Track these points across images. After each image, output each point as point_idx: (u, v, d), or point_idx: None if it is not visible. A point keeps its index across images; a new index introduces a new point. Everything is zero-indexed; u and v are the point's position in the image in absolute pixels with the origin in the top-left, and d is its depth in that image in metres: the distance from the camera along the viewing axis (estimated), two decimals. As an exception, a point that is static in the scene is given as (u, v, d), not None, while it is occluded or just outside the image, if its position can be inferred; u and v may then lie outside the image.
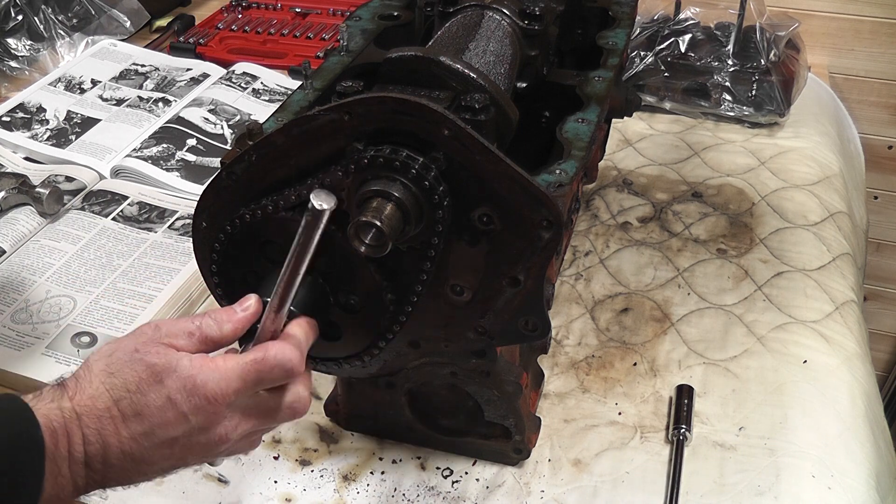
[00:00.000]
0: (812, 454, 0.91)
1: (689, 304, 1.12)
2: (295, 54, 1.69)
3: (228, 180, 0.71)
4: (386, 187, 0.64)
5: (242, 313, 0.66)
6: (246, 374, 0.63)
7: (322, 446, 0.95)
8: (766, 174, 1.37)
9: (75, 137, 1.44)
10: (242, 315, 0.66)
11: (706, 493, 0.88)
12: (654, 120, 1.51)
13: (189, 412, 0.62)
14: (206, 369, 0.62)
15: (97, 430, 0.61)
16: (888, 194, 1.82)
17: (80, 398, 0.61)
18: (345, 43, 0.92)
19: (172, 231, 1.23)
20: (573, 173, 0.74)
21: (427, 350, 0.80)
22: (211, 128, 1.45)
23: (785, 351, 1.04)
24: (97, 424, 0.61)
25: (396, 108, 0.64)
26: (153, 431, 0.61)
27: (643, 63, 1.49)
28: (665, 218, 1.28)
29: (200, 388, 0.62)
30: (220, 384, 0.62)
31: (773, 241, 1.23)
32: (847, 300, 1.13)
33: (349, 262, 0.70)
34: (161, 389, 0.61)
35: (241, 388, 0.63)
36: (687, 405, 0.95)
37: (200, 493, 0.90)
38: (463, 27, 0.89)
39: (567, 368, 1.04)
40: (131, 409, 0.61)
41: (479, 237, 0.69)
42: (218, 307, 0.70)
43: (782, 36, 1.48)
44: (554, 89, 0.94)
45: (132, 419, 0.61)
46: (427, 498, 0.89)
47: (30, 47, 1.69)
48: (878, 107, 1.72)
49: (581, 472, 0.91)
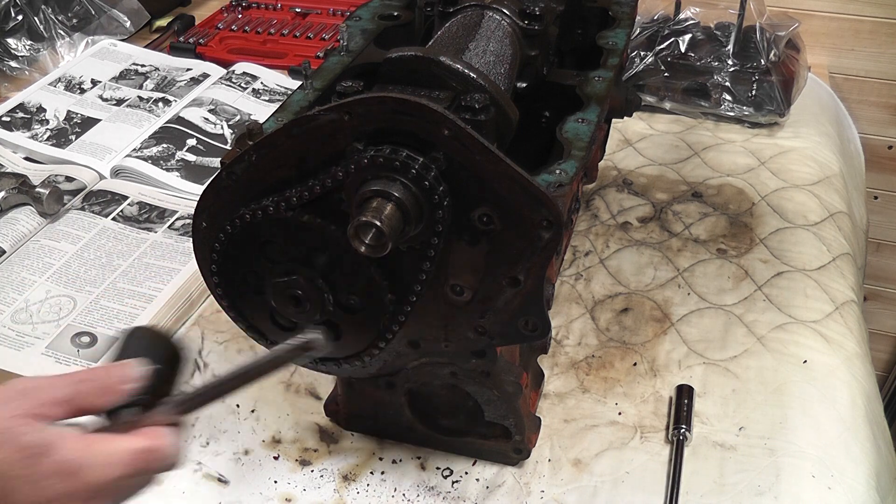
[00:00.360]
0: (812, 454, 0.91)
1: (689, 304, 1.12)
2: (295, 54, 1.69)
3: (228, 180, 0.71)
4: (386, 187, 0.64)
5: (125, 386, 0.59)
6: (134, 463, 0.57)
7: (322, 446, 0.95)
8: (766, 174, 1.37)
9: (75, 137, 1.44)
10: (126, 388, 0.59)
11: (706, 493, 0.88)
12: (654, 120, 1.51)
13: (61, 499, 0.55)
14: (89, 454, 0.56)
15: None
16: (888, 194, 1.82)
17: None
18: (345, 43, 0.92)
19: (172, 231, 1.23)
20: (573, 173, 0.74)
21: (427, 350, 0.80)
22: (211, 128, 1.45)
23: (785, 351, 1.04)
24: None
25: (396, 108, 0.64)
26: None
27: (643, 63, 1.49)
28: (665, 218, 1.28)
29: (80, 474, 0.55)
30: (102, 471, 0.56)
31: (773, 241, 1.23)
32: (847, 300, 1.13)
33: (349, 261, 0.70)
34: (32, 473, 0.54)
35: (123, 478, 0.57)
36: (687, 405, 0.95)
37: (200, 492, 0.90)
38: (463, 27, 0.90)
39: (567, 368, 1.04)
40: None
41: (479, 237, 0.69)
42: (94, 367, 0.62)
43: (782, 36, 1.48)
44: (554, 89, 0.94)
45: None
46: (427, 498, 0.89)
47: (30, 47, 1.69)
48: (878, 107, 1.72)
49: (581, 472, 0.91)
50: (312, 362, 0.81)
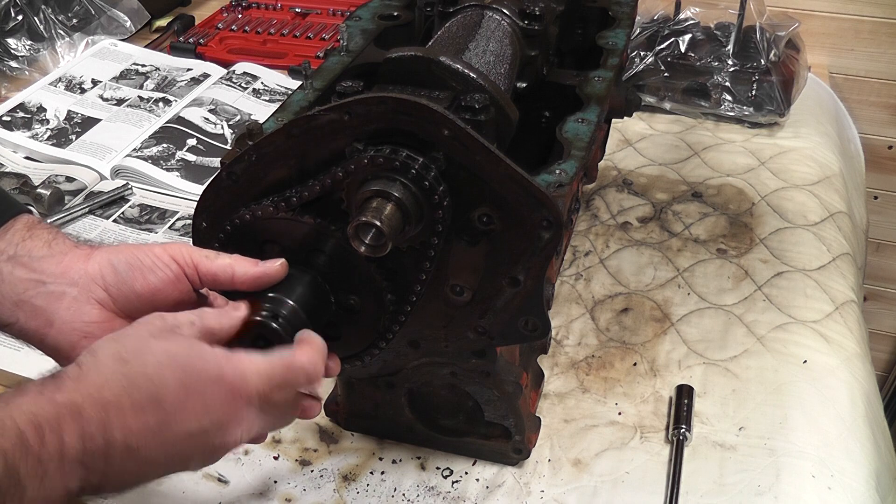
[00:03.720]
0: (812, 454, 0.91)
1: (689, 304, 1.12)
2: (295, 54, 1.69)
3: (228, 180, 0.71)
4: (386, 187, 0.64)
5: (238, 313, 0.64)
6: (273, 375, 0.61)
7: (322, 446, 0.95)
8: (766, 174, 1.37)
9: (75, 137, 1.44)
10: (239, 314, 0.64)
11: (706, 493, 0.88)
12: (654, 120, 1.51)
13: (211, 404, 0.58)
14: (234, 363, 0.60)
15: (101, 421, 0.55)
16: (888, 194, 1.82)
17: (84, 387, 0.55)
18: (345, 43, 0.92)
19: (173, 231, 1.24)
20: (573, 173, 0.74)
21: (427, 350, 0.80)
22: (211, 128, 1.46)
23: (785, 351, 1.04)
24: (102, 415, 0.55)
25: (396, 108, 0.64)
26: (168, 423, 0.57)
27: (643, 63, 1.49)
28: (665, 218, 1.28)
29: (227, 381, 0.59)
30: (246, 380, 0.60)
31: (773, 241, 1.23)
32: (847, 300, 1.13)
33: (349, 262, 0.70)
34: (184, 378, 0.57)
35: (265, 389, 0.61)
36: (687, 405, 0.95)
37: (200, 493, 0.90)
38: (463, 27, 0.90)
39: (567, 368, 1.04)
40: (148, 397, 0.56)
41: (479, 237, 0.69)
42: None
43: (782, 36, 1.48)
44: (554, 89, 0.94)
45: (147, 408, 0.56)
46: (427, 498, 0.89)
47: (30, 47, 1.69)
48: (878, 107, 1.72)
49: (581, 472, 0.91)
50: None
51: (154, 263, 0.67)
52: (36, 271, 0.67)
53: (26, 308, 0.66)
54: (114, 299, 0.67)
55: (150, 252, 0.67)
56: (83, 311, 0.66)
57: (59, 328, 0.66)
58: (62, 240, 0.70)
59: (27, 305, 0.66)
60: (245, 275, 0.66)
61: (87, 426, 0.54)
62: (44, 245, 0.69)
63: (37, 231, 0.70)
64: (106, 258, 0.67)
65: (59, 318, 0.66)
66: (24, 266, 0.67)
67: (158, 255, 0.67)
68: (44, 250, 0.68)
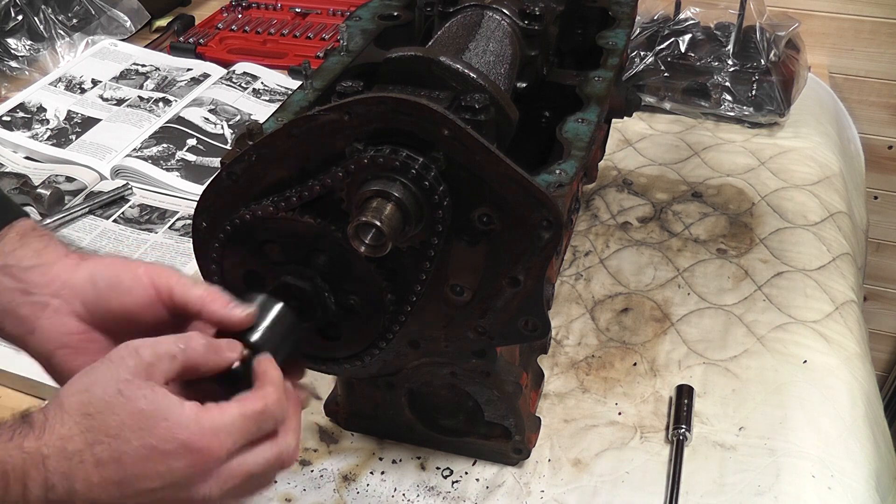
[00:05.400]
0: (812, 454, 0.91)
1: (689, 304, 1.12)
2: (295, 54, 1.69)
3: (228, 180, 0.71)
4: (386, 187, 0.64)
5: (230, 353, 0.62)
6: (247, 427, 0.59)
7: (322, 446, 0.95)
8: (766, 174, 1.37)
9: (75, 137, 1.44)
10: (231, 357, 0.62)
11: (706, 493, 0.88)
12: (654, 120, 1.51)
13: (175, 467, 0.56)
14: (203, 421, 0.57)
15: (64, 473, 0.55)
16: (888, 194, 1.82)
17: (49, 438, 0.55)
18: (345, 43, 0.92)
19: (173, 231, 1.24)
20: (573, 173, 0.74)
21: (427, 350, 0.80)
22: (211, 128, 1.46)
23: (785, 351, 1.04)
24: (65, 467, 0.55)
25: (396, 108, 0.64)
26: (129, 481, 0.56)
27: (643, 63, 1.49)
28: (665, 218, 1.28)
29: (194, 442, 0.56)
30: (216, 439, 0.57)
31: (773, 241, 1.23)
32: (847, 300, 1.13)
33: (349, 262, 0.70)
34: (146, 438, 0.56)
35: (239, 444, 0.58)
36: (687, 405, 0.95)
37: (200, 493, 0.90)
38: (463, 27, 0.90)
39: (567, 368, 1.04)
40: (108, 455, 0.55)
41: (479, 237, 0.69)
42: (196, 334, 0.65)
43: (782, 36, 1.48)
44: (554, 89, 0.94)
45: (108, 465, 0.55)
46: (427, 498, 0.89)
47: (30, 47, 1.69)
48: (878, 107, 1.72)
49: (581, 472, 0.91)
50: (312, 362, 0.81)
51: (132, 285, 0.66)
52: (23, 281, 0.67)
53: (12, 316, 0.67)
54: (91, 314, 0.67)
55: (134, 272, 0.67)
56: (62, 322, 0.66)
57: (39, 337, 0.67)
58: (53, 248, 0.70)
59: (13, 314, 0.67)
60: (212, 315, 0.65)
61: (50, 477, 0.55)
62: (33, 254, 0.69)
63: (28, 240, 0.70)
64: (89, 272, 0.67)
65: (39, 327, 0.67)
66: (11, 276, 0.68)
67: (139, 277, 0.67)
68: (33, 259, 0.69)
